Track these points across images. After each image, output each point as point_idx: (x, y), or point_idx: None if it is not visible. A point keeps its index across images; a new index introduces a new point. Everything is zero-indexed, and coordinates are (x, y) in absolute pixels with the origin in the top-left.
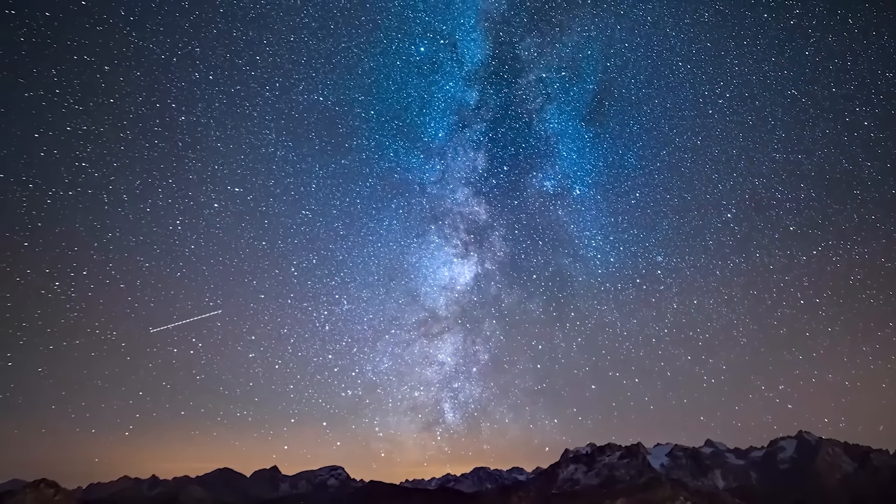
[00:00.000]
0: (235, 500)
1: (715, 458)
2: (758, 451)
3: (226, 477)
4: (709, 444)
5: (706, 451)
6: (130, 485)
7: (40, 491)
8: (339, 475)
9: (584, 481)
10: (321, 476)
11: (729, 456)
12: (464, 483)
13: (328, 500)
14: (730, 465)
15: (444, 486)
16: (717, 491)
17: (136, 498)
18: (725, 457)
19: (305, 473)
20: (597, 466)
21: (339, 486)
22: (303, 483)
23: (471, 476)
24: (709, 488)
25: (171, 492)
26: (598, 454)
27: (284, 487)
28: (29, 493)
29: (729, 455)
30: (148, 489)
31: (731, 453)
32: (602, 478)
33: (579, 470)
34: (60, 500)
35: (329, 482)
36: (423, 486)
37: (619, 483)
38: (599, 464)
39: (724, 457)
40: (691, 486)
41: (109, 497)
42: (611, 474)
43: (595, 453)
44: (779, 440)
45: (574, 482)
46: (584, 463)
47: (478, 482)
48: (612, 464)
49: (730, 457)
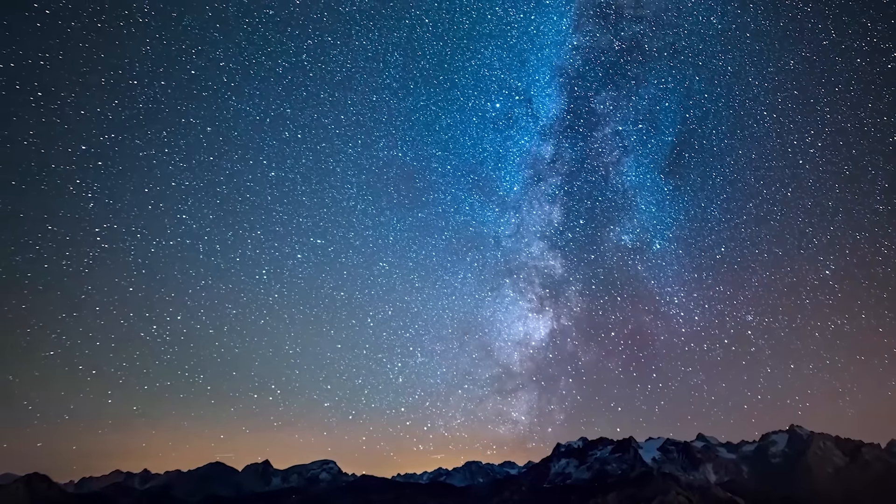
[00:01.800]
0: (227, 494)
1: (706, 452)
2: (749, 444)
3: (217, 471)
4: (700, 438)
5: (698, 445)
6: (122, 479)
7: (32, 485)
8: (331, 469)
9: (576, 475)
10: (313, 470)
11: (720, 450)
12: (455, 477)
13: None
14: (721, 459)
15: (435, 480)
16: (708, 485)
17: (128, 492)
18: (717, 451)
19: (297, 467)
20: (588, 460)
21: (330, 480)
22: (294, 477)
23: (462, 470)
24: (700, 482)
25: (163, 486)
26: (590, 448)
27: (276, 481)
28: (21, 487)
29: (720, 449)
30: (140, 483)
31: (722, 447)
32: (593, 472)
33: (571, 464)
34: (52, 493)
35: (321, 476)
36: (415, 481)
37: (611, 477)
38: (591, 458)
39: (716, 451)
40: (683, 480)
41: (101, 491)
42: (602, 468)
43: (586, 447)
44: (770, 434)
45: (566, 476)
46: (576, 457)
47: (469, 476)
48: (603, 458)
49: (721, 451)
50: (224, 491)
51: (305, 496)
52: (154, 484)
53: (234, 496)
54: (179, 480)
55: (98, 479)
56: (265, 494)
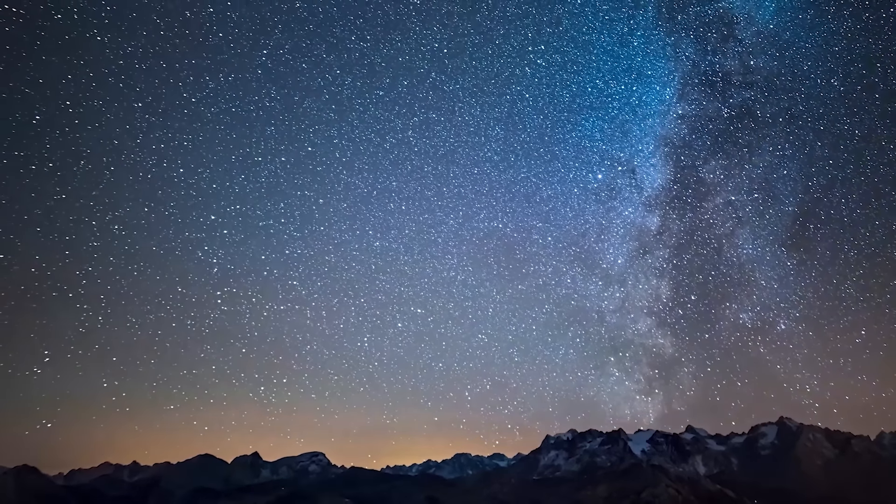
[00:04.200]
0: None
1: (696, 444)
2: (738, 437)
3: (207, 463)
4: (690, 431)
5: (687, 438)
6: (111, 471)
7: (21, 477)
8: (320, 461)
9: (565, 467)
10: (302, 462)
11: (710, 442)
12: (444, 469)
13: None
14: (711, 451)
15: (424, 472)
16: (698, 477)
17: (117, 484)
18: (706, 443)
19: (286, 459)
20: (578, 453)
21: (320, 472)
22: (283, 469)
23: (451, 462)
24: (690, 474)
25: (152, 477)
26: (579, 440)
27: (265, 473)
28: (10, 479)
29: (710, 441)
30: (129, 475)
31: (711, 439)
32: (583, 464)
33: (560, 456)
34: (41, 485)
35: (310, 468)
36: (404, 473)
37: (600, 469)
38: (580, 450)
39: (705, 443)
40: (672, 473)
41: (90, 483)
42: (592, 460)
43: (576, 439)
44: (760, 426)
45: (555, 468)
46: (566, 449)
47: (459, 468)
48: (593, 450)
49: (711, 443)
50: (213, 483)
51: (295, 488)
52: (143, 476)
53: (223, 488)
54: (168, 472)
55: (87, 471)
56: (254, 486)
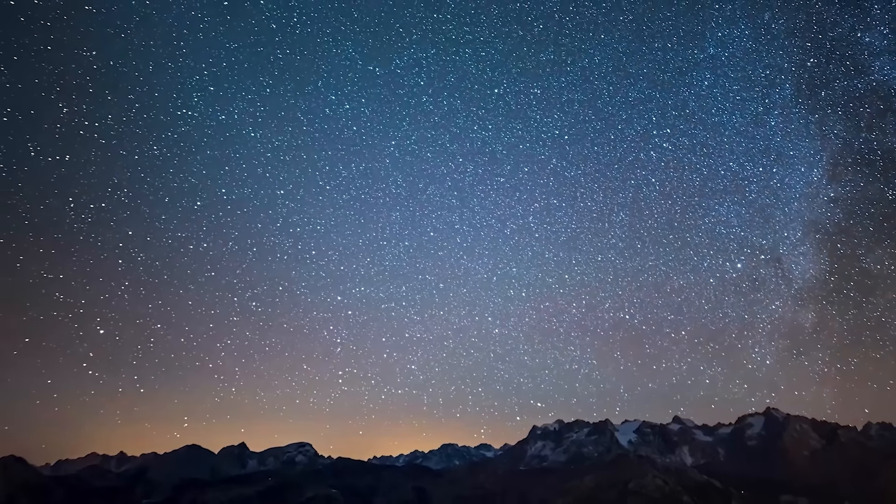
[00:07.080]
0: (203, 476)
1: (683, 434)
2: (725, 427)
3: (193, 454)
4: (677, 421)
5: (674, 428)
6: (98, 461)
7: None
8: (307, 452)
9: (552, 458)
10: (289, 453)
11: (697, 433)
12: (432, 459)
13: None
14: (698, 442)
15: (411, 462)
16: (685, 467)
17: (104, 474)
18: (693, 433)
19: (273, 450)
20: (564, 443)
21: (307, 463)
22: (270, 460)
23: (439, 452)
24: (677, 465)
25: (139, 468)
26: (566, 431)
27: (252, 464)
28: None
29: (697, 432)
30: (116, 465)
31: (699, 430)
32: (570, 455)
33: (547, 447)
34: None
35: (297, 459)
36: (391, 463)
37: (587, 460)
38: (567, 440)
39: (692, 433)
40: (659, 463)
41: (77, 473)
42: (578, 451)
43: (563, 430)
44: (747, 417)
45: (542, 459)
46: (552, 440)
47: (446, 459)
48: (579, 441)
49: (698, 433)
50: (200, 473)
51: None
52: (130, 466)
53: (210, 479)
54: (155, 463)
55: (74, 461)
56: (241, 477)
